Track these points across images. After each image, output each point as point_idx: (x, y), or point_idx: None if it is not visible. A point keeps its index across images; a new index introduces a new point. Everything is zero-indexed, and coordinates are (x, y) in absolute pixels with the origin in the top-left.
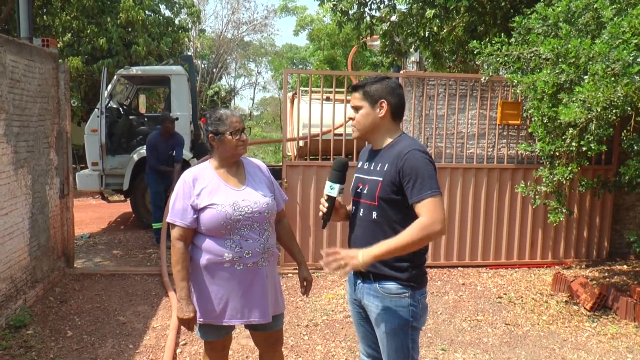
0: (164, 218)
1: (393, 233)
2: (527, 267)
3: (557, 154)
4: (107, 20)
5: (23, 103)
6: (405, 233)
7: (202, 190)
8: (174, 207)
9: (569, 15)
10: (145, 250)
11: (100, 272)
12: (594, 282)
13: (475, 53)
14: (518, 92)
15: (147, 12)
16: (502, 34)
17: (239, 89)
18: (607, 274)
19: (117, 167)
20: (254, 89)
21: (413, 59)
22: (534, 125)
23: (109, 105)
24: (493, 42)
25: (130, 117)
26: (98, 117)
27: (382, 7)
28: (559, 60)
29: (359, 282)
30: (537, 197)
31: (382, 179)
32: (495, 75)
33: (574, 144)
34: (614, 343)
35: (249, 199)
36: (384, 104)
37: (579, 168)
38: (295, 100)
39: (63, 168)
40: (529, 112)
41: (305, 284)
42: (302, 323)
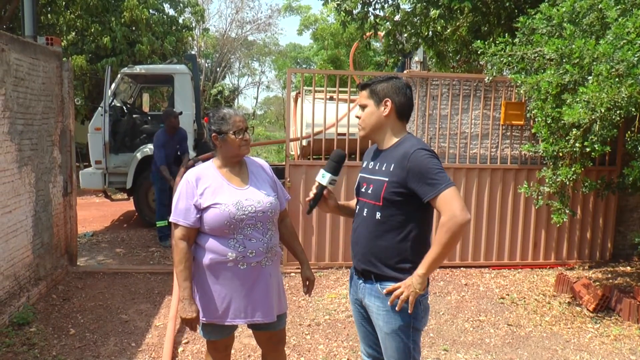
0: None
1: (396, 234)
2: (529, 267)
3: (560, 155)
4: (111, 19)
5: (27, 101)
6: (436, 241)
7: (205, 190)
8: (177, 206)
9: (574, 16)
10: (148, 249)
11: (103, 270)
12: (597, 283)
13: (479, 53)
14: (522, 92)
15: (151, 11)
16: (506, 34)
17: (243, 88)
18: (610, 276)
19: (120, 165)
20: (258, 88)
21: (417, 59)
22: (538, 126)
23: (113, 104)
24: (497, 42)
25: (134, 115)
26: (102, 115)
27: (386, 6)
28: (563, 61)
29: (361, 282)
30: (540, 197)
31: (387, 179)
32: (499, 76)
33: (578, 145)
34: (617, 344)
35: (253, 199)
36: (389, 103)
37: (583, 169)
38: (299, 100)
39: (66, 166)
40: (533, 112)
41: (308, 284)
42: (304, 322)
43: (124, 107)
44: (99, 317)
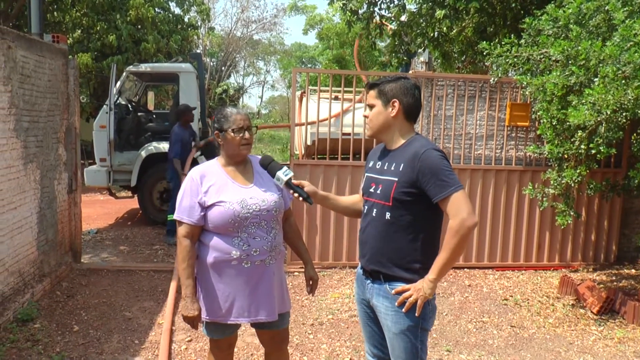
0: None
1: (405, 235)
2: (533, 269)
3: (565, 157)
4: (117, 17)
5: (33, 98)
6: (445, 245)
7: (209, 188)
8: (181, 204)
9: (580, 17)
10: (152, 247)
11: (107, 267)
12: (601, 285)
13: (485, 54)
14: (527, 93)
15: (156, 9)
16: (512, 35)
17: (248, 87)
18: (614, 278)
19: (125, 163)
20: (263, 88)
21: (422, 59)
22: (543, 127)
23: (118, 102)
24: (503, 43)
25: (139, 113)
26: (107, 113)
27: (391, 6)
28: (569, 62)
29: (369, 282)
30: (544, 199)
31: (397, 179)
32: (505, 77)
33: (583, 147)
34: (621, 347)
35: (257, 197)
36: (396, 104)
37: (588, 171)
38: (304, 99)
39: (71, 163)
40: (538, 114)
41: (312, 283)
42: (307, 322)
43: (129, 105)
44: (103, 314)
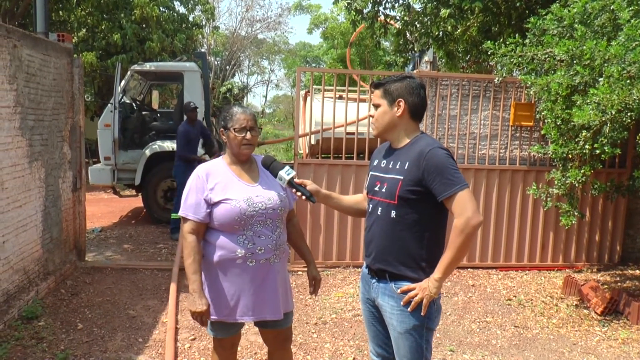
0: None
1: (411, 233)
2: (537, 269)
3: (570, 157)
4: (121, 17)
5: (38, 97)
6: (450, 244)
7: (216, 185)
8: (187, 201)
9: (585, 17)
10: (156, 245)
11: (111, 266)
12: (605, 286)
13: (489, 54)
14: (531, 93)
15: (161, 8)
16: (516, 35)
17: (252, 87)
18: (618, 279)
19: (129, 162)
20: (267, 87)
21: (426, 59)
22: (547, 127)
23: (122, 101)
24: (507, 42)
25: (143, 112)
26: (111, 112)
27: (396, 6)
28: (574, 62)
29: (374, 281)
30: (549, 199)
31: (402, 177)
32: (509, 76)
33: (588, 147)
34: (625, 348)
35: (263, 195)
36: (402, 103)
37: (592, 171)
38: (308, 98)
39: (76, 162)
40: (542, 113)
41: (314, 283)
42: (311, 321)
43: (134, 104)
44: (107, 312)
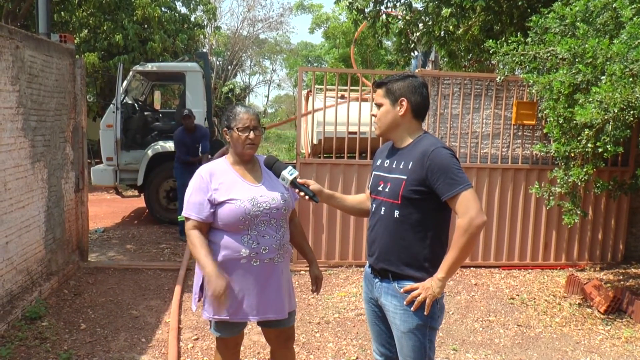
0: None
1: (414, 233)
2: (540, 268)
3: (572, 155)
4: (123, 17)
5: (40, 98)
6: (453, 244)
7: (220, 185)
8: (190, 201)
9: (587, 15)
10: (159, 245)
11: (114, 266)
12: (609, 285)
13: (491, 52)
14: (534, 92)
15: (163, 9)
16: (518, 34)
17: (254, 87)
18: (621, 277)
19: (131, 162)
20: (269, 87)
21: (429, 58)
22: (550, 126)
23: (125, 101)
24: (509, 41)
25: (145, 113)
26: (113, 112)
27: (398, 5)
28: (576, 61)
29: (377, 281)
30: (551, 198)
31: (406, 177)
32: (511, 75)
33: (590, 145)
34: (628, 347)
35: (267, 195)
36: (404, 103)
37: (595, 169)
38: (310, 98)
39: (78, 162)
40: (545, 112)
41: (317, 282)
42: (313, 320)
43: (136, 104)
44: (110, 312)
